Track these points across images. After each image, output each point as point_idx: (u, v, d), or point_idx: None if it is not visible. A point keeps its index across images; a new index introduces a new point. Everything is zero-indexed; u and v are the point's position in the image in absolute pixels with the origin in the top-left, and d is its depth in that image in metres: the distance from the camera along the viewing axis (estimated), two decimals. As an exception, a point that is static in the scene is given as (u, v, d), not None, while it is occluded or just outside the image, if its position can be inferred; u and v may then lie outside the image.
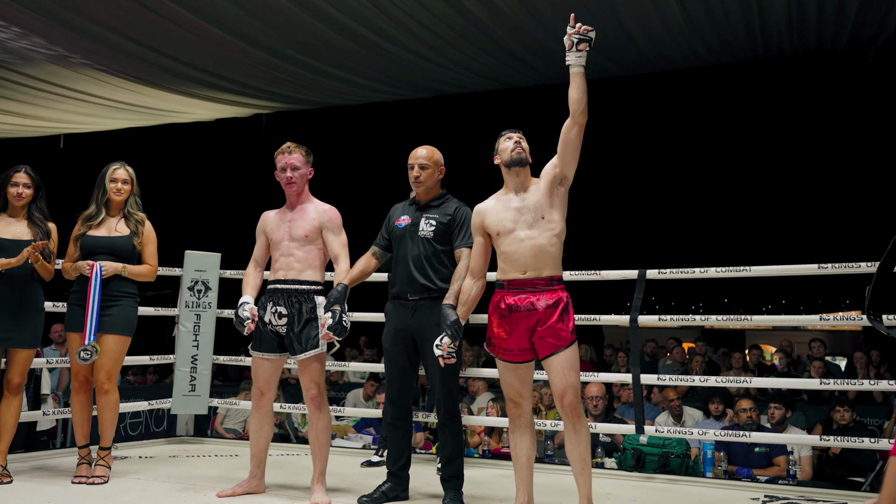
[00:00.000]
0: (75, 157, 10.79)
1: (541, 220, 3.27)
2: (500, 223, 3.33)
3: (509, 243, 3.29)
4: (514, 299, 3.26)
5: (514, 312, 3.25)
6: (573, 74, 3.25)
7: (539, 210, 3.28)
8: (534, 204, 3.29)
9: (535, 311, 3.21)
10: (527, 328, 3.23)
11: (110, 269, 3.96)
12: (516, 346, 3.27)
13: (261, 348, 3.79)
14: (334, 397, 7.92)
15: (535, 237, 3.25)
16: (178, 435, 5.73)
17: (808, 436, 5.65)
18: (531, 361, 3.33)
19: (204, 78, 8.54)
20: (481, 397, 6.84)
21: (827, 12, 7.07)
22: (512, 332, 3.26)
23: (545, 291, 3.23)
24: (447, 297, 3.48)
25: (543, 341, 3.21)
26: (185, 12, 6.67)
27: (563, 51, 3.28)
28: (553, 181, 3.31)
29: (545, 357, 3.23)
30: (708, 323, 5.25)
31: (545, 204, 3.28)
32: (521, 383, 3.33)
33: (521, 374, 3.33)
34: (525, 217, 3.29)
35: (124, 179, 4.11)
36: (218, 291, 5.35)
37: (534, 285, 3.24)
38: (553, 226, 3.27)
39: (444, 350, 3.29)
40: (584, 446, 3.21)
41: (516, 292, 3.26)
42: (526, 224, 3.28)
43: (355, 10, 6.84)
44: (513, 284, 3.27)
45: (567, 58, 3.26)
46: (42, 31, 6.94)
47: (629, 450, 5.43)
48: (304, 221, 3.81)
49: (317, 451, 3.75)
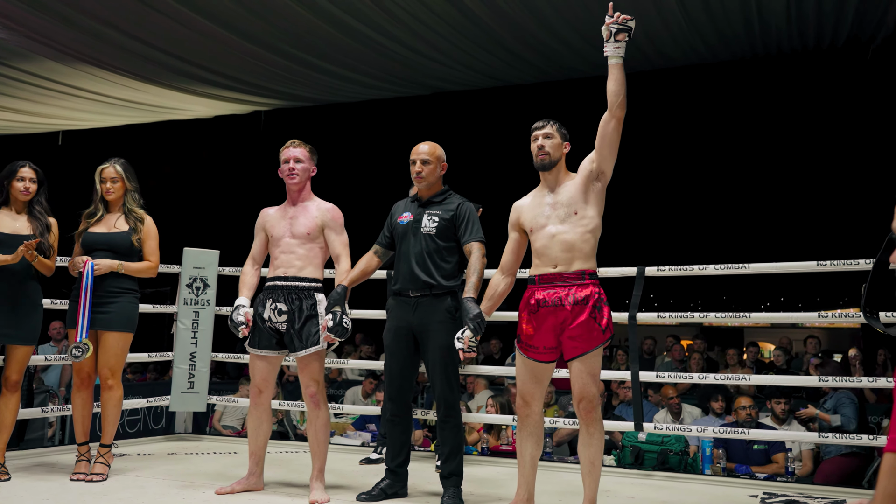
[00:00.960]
0: (74, 153, 10.77)
1: (573, 215, 3.22)
2: (534, 219, 3.31)
3: (541, 238, 3.26)
4: (543, 294, 3.22)
5: (541, 307, 3.21)
6: (611, 66, 3.18)
7: (572, 205, 3.23)
8: (567, 199, 3.25)
9: (563, 308, 3.16)
10: (553, 325, 3.19)
11: (105, 266, 3.95)
12: (542, 344, 3.23)
13: (259, 345, 3.79)
14: (333, 394, 7.92)
15: (567, 232, 3.21)
16: (177, 432, 5.73)
17: (806, 433, 5.66)
18: (552, 363, 3.29)
19: (203, 75, 8.53)
20: (480, 395, 6.85)
21: (826, 10, 7.07)
22: (539, 328, 3.22)
23: (575, 285, 3.18)
24: (466, 291, 3.46)
25: (573, 342, 3.16)
26: (184, 9, 6.66)
27: (561, 47, 3.27)
28: (589, 176, 3.26)
29: (571, 359, 3.19)
30: (706, 320, 5.26)
31: (579, 199, 3.24)
32: (536, 384, 3.31)
33: (537, 374, 3.29)
34: (558, 212, 3.25)
35: (112, 178, 4.09)
36: (217, 288, 5.34)
37: (563, 279, 3.19)
38: (586, 221, 3.22)
39: (465, 343, 3.27)
40: (594, 449, 3.19)
41: (546, 287, 3.22)
42: (558, 219, 3.24)
43: (355, 7, 6.83)
44: (543, 279, 3.23)
45: (605, 48, 3.19)
46: (40, 28, 6.93)
47: (628, 447, 5.43)
48: (307, 219, 3.80)
49: (315, 448, 3.75)
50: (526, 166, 3.50)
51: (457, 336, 3.31)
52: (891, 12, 7.08)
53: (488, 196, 3.66)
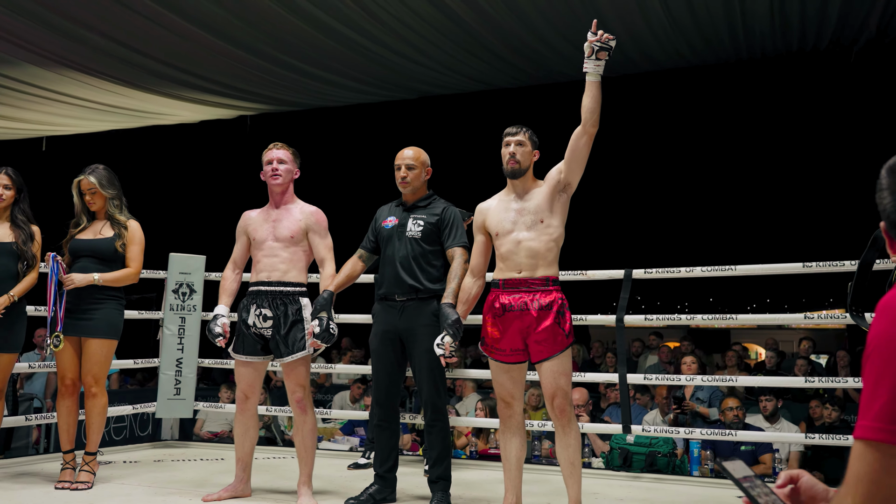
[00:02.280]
0: (58, 159, 10.69)
1: (539, 223, 3.27)
2: (499, 224, 3.33)
3: (506, 244, 3.30)
4: (508, 299, 3.26)
5: (507, 312, 3.25)
6: (589, 83, 3.20)
7: (539, 213, 3.28)
8: (534, 207, 3.29)
9: (528, 313, 3.21)
10: (520, 329, 3.23)
11: (79, 280, 3.89)
12: (509, 347, 3.27)
13: (244, 351, 3.76)
14: (321, 399, 7.89)
15: (532, 240, 3.26)
16: (163, 439, 5.69)
17: (793, 434, 5.68)
18: (524, 363, 3.33)
19: (188, 79, 8.49)
20: (468, 398, 6.84)
21: (809, 13, 7.11)
22: (505, 331, 3.26)
23: (539, 292, 3.23)
24: (445, 296, 3.47)
25: (540, 345, 3.21)
26: (167, 13, 6.63)
27: (547, 52, 3.28)
28: (556, 186, 3.30)
29: (538, 361, 3.23)
30: (693, 322, 5.28)
31: (545, 208, 3.28)
32: (513, 384, 3.33)
33: (513, 375, 3.33)
34: (524, 219, 3.29)
35: (90, 189, 4.05)
36: (203, 294, 5.31)
37: (528, 285, 3.24)
38: (551, 230, 3.27)
39: (445, 349, 3.29)
40: (573, 449, 3.21)
41: (511, 292, 3.26)
42: (524, 226, 3.28)
43: (339, 12, 6.82)
44: (507, 284, 3.27)
45: (585, 65, 3.21)
46: (23, 33, 6.88)
47: (616, 449, 5.43)
48: (290, 222, 3.78)
49: (303, 454, 3.73)
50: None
51: (436, 342, 3.32)
52: (873, 16, 7.14)
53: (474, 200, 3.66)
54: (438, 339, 3.32)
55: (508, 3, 6.74)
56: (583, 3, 6.64)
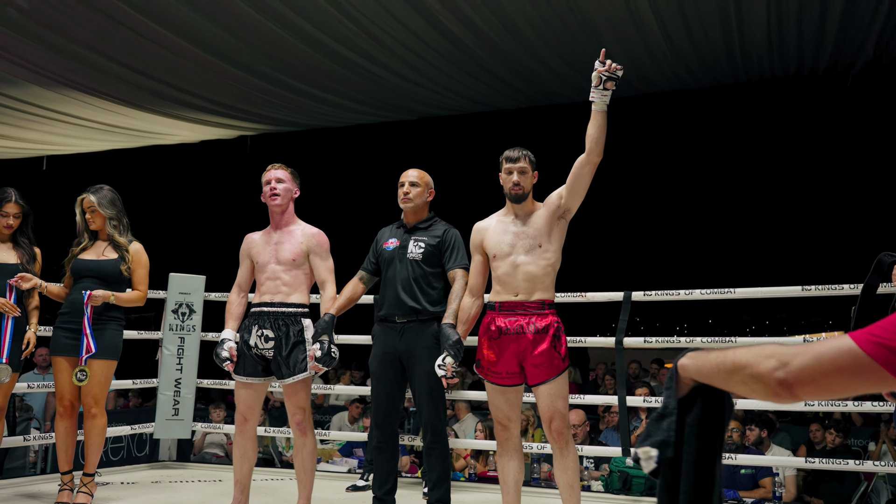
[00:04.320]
0: (58, 179, 10.72)
1: (538, 248, 3.27)
2: (497, 246, 3.33)
3: (504, 266, 3.30)
4: (504, 321, 3.25)
5: (503, 335, 3.25)
6: (595, 112, 3.20)
7: (538, 238, 3.28)
8: (533, 231, 3.29)
9: (524, 336, 3.21)
10: (516, 352, 3.23)
11: (100, 296, 3.92)
12: (505, 370, 3.27)
13: (244, 372, 3.75)
14: (319, 420, 7.86)
15: (530, 264, 3.26)
16: (161, 460, 5.66)
17: (792, 457, 5.66)
18: (520, 385, 3.32)
19: (188, 99, 8.53)
20: (466, 420, 6.81)
21: (806, 37, 7.18)
22: (501, 354, 3.26)
23: (535, 315, 3.23)
24: (446, 317, 3.48)
25: (535, 369, 3.21)
26: (169, 34, 6.68)
27: (546, 73, 3.30)
28: (556, 212, 3.31)
29: (535, 384, 3.23)
30: (693, 345, 5.27)
31: (544, 232, 3.29)
32: (509, 407, 3.33)
33: (509, 397, 3.32)
34: (523, 243, 3.29)
35: (90, 207, 4.06)
36: (202, 314, 5.31)
37: (524, 308, 3.24)
38: (549, 255, 3.28)
39: (447, 370, 3.29)
40: (571, 472, 3.21)
41: (507, 314, 3.26)
42: (523, 250, 3.28)
43: (340, 33, 6.87)
44: (504, 306, 3.27)
45: (591, 94, 3.20)
46: (25, 53, 6.92)
47: (616, 472, 5.40)
48: (292, 245, 3.79)
49: (302, 476, 3.71)
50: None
51: (437, 363, 3.32)
52: (870, 39, 7.20)
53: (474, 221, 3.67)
54: (440, 360, 3.32)
55: (508, 26, 6.80)
56: (581, 26, 6.71)
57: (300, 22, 6.59)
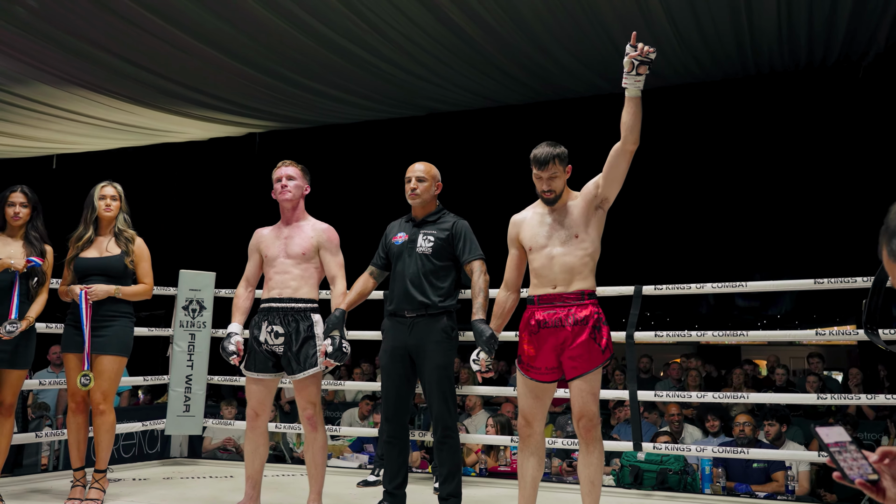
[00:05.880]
0: (68, 177, 10.76)
1: (574, 238, 3.22)
2: (533, 238, 3.30)
3: (541, 259, 3.26)
4: (543, 315, 3.21)
5: (542, 328, 3.21)
6: (629, 99, 3.12)
7: (573, 228, 3.23)
8: (569, 222, 3.24)
9: (563, 329, 3.16)
10: (554, 346, 3.19)
11: (101, 292, 3.93)
12: (544, 365, 3.23)
13: (255, 368, 3.77)
14: (329, 416, 7.88)
15: (567, 255, 3.21)
16: (173, 456, 5.69)
17: (805, 452, 5.63)
18: (555, 383, 3.29)
19: (197, 97, 8.56)
20: (478, 415, 6.82)
21: (817, 29, 7.13)
22: (540, 348, 3.22)
23: (575, 306, 3.18)
24: (474, 312, 3.46)
25: (573, 361, 3.16)
26: (178, 32, 6.69)
27: (555, 68, 3.28)
28: (593, 201, 3.26)
29: (571, 378, 3.19)
30: (704, 339, 5.26)
31: (581, 223, 3.24)
32: (537, 403, 3.30)
33: (539, 393, 3.28)
34: (559, 234, 3.24)
35: (112, 196, 4.09)
36: (213, 311, 5.33)
37: (563, 299, 3.19)
38: (587, 245, 3.23)
39: (482, 365, 3.29)
40: (594, 468, 3.19)
41: (546, 307, 3.22)
42: (559, 241, 3.24)
43: (349, 30, 6.87)
44: (542, 299, 3.23)
45: (624, 80, 3.11)
46: (36, 53, 6.96)
47: (627, 467, 5.40)
48: (302, 239, 3.80)
49: (313, 471, 3.73)
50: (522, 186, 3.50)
51: (472, 358, 3.32)
52: (881, 30, 7.15)
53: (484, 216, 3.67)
54: (474, 355, 3.32)
55: (516, 20, 6.78)
56: (590, 19, 6.68)
57: (309, 19, 6.59)
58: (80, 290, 3.89)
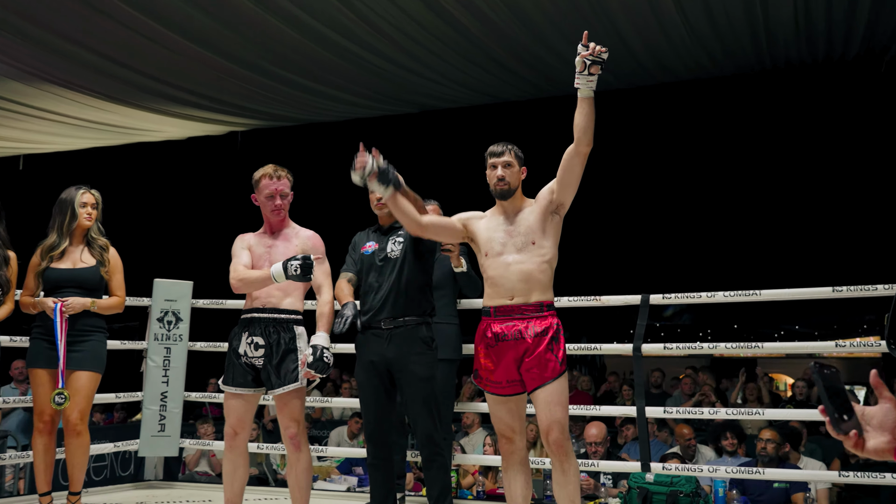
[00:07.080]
0: (36, 179, 10.74)
1: (531, 245, 3.26)
2: (488, 243, 3.33)
3: (496, 267, 3.29)
4: (501, 327, 3.24)
5: (500, 341, 3.23)
6: (581, 100, 3.20)
7: (530, 235, 3.28)
8: (525, 228, 3.29)
9: (524, 341, 3.20)
10: (514, 358, 3.21)
11: (78, 305, 3.91)
12: (504, 378, 3.25)
13: (234, 382, 3.75)
14: (316, 436, 7.85)
15: (524, 262, 3.25)
16: (147, 479, 5.66)
17: (826, 471, 5.63)
18: (522, 394, 3.30)
19: (174, 93, 8.54)
20: (476, 434, 6.80)
21: (836, 19, 7.14)
22: (499, 362, 3.24)
23: (534, 318, 3.22)
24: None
25: (531, 373, 3.20)
26: (152, 22, 6.67)
27: (557, 63, 3.30)
28: (548, 207, 3.31)
29: (532, 390, 3.21)
30: (716, 351, 5.25)
31: (537, 229, 3.28)
32: (512, 417, 3.31)
33: (511, 407, 3.30)
34: (515, 241, 3.28)
35: (93, 203, 4.08)
36: (190, 322, 5.31)
37: (522, 311, 3.22)
38: (544, 252, 3.27)
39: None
40: (572, 486, 3.19)
41: (503, 319, 3.24)
42: (515, 248, 3.27)
43: (336, 21, 6.87)
44: (500, 311, 3.26)
45: (576, 80, 3.20)
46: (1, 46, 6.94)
47: (634, 489, 5.38)
48: (288, 250, 3.78)
49: (297, 494, 3.71)
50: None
51: None
52: (905, 22, 7.17)
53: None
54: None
55: (515, 11, 6.78)
56: (595, 11, 6.69)
57: (293, 9, 6.58)
58: (55, 303, 3.87)
